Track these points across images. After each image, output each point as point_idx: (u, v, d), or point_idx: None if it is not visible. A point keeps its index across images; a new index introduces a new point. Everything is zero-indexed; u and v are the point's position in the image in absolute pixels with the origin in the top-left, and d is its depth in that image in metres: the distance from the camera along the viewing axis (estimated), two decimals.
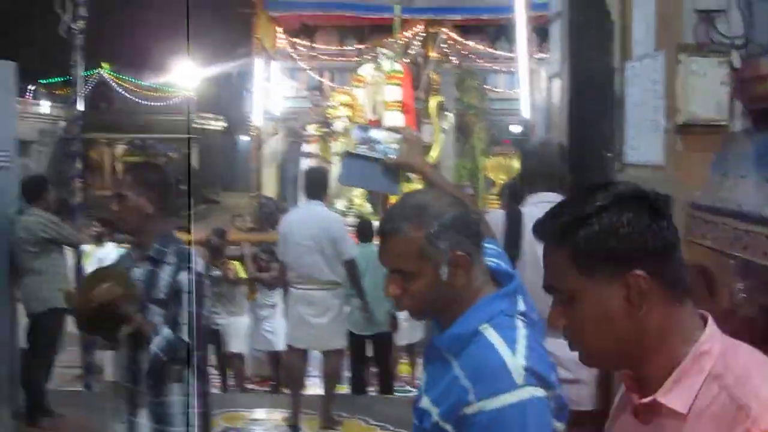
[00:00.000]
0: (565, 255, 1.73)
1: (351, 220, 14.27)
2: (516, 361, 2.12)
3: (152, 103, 43.52)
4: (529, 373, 2.10)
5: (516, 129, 23.12)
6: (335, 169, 15.07)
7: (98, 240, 11.81)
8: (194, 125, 45.05)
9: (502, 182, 15.95)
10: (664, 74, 4.12)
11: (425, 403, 2.30)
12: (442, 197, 2.38)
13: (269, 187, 23.44)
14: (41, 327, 8.17)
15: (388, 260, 2.31)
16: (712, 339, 1.69)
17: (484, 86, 22.30)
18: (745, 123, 3.90)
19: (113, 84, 41.73)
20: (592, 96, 5.09)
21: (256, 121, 22.07)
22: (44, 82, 40.39)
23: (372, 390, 9.83)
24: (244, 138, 51.35)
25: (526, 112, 11.13)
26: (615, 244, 1.68)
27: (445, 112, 16.79)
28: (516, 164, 17.70)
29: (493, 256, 2.53)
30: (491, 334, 2.19)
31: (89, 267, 10.80)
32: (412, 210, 2.29)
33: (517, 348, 2.16)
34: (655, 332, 1.69)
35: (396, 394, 9.83)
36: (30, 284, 8.03)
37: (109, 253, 10.84)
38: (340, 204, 15.18)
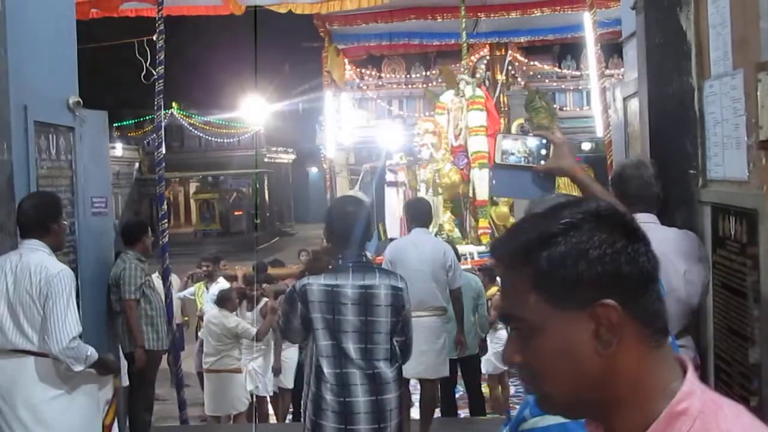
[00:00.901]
0: (526, 279, 1.49)
1: None
2: None
3: (223, 140, 44.08)
4: None
5: (586, 146, 23.18)
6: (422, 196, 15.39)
7: (209, 277, 12.18)
8: (265, 159, 45.66)
9: None
10: (744, 92, 4.25)
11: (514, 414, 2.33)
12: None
13: None
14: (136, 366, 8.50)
15: None
16: (692, 396, 1.43)
17: (553, 105, 22.42)
18: None
19: (184, 123, 42.41)
20: (672, 115, 5.21)
21: (328, 152, 22.38)
22: (117, 125, 41.29)
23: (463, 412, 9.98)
24: (314, 169, 51.95)
25: (599, 131, 11.21)
26: (584, 267, 1.44)
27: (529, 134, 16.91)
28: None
29: None
30: None
31: (206, 303, 11.15)
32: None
33: None
34: (627, 378, 1.45)
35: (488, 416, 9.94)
36: (122, 325, 8.36)
37: (223, 287, 11.19)
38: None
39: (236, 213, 47.52)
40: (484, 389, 10.79)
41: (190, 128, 42.49)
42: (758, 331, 4.23)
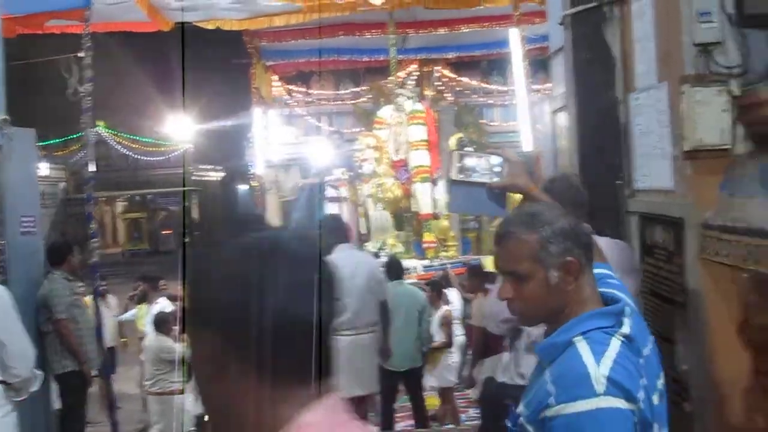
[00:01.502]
0: None
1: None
2: (599, 370, 2.20)
3: (151, 158, 43.49)
4: (612, 383, 2.18)
5: None
6: (370, 211, 15.47)
7: (143, 298, 11.98)
8: (193, 177, 45.30)
9: None
10: (668, 104, 4.38)
11: (520, 407, 2.44)
12: (555, 208, 2.56)
13: None
14: (66, 388, 8.38)
15: (504, 263, 2.48)
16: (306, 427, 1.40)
17: (481, 121, 22.61)
18: (748, 146, 4.14)
19: (111, 141, 41.75)
20: (599, 127, 5.33)
21: (258, 169, 22.30)
22: (42, 144, 40.55)
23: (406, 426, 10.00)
24: (243, 187, 51.62)
25: (527, 145, 11.35)
26: None
27: (466, 148, 16.98)
28: (517, 196, 17.86)
29: (611, 286, 2.66)
30: (582, 346, 2.29)
31: (147, 326, 10.96)
32: (527, 216, 2.47)
33: (602, 360, 2.23)
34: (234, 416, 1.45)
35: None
36: (51, 346, 8.24)
37: (165, 308, 11.01)
38: (372, 245, 15.47)
39: (165, 232, 47.04)
40: (436, 402, 10.89)
41: (118, 147, 41.87)
42: (686, 336, 4.35)
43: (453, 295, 11.51)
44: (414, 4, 15.84)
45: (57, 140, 40.53)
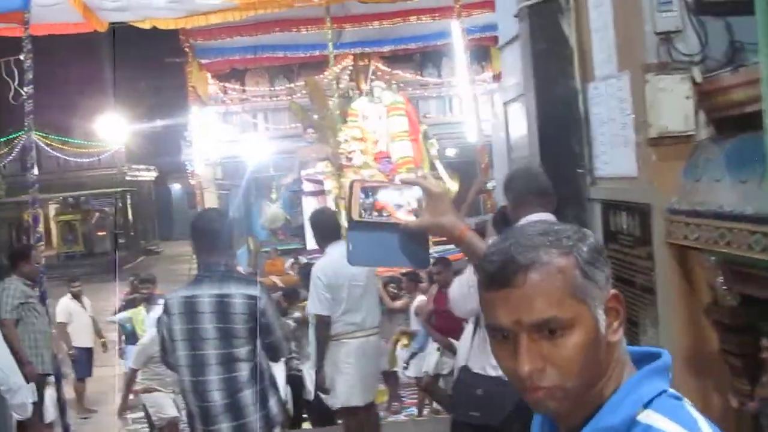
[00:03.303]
0: None
1: None
2: None
3: (82, 160, 42.88)
4: None
5: (451, 152, 23.64)
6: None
7: (147, 300, 11.86)
8: (127, 178, 44.80)
9: None
10: (630, 92, 4.47)
11: None
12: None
13: None
14: None
15: (531, 311, 1.49)
16: None
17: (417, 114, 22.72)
18: (709, 131, 4.26)
19: (41, 144, 40.99)
20: (558, 117, 5.41)
21: (196, 168, 22.15)
22: None
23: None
24: (176, 186, 51.23)
25: (473, 136, 11.43)
26: None
27: (430, 140, 16.90)
28: (454, 186, 17.92)
29: None
30: (662, 422, 1.47)
31: (148, 328, 10.80)
32: (547, 236, 1.55)
33: None
34: None
35: None
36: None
37: None
38: None
39: (100, 233, 46.41)
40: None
41: (48, 149, 41.21)
42: (653, 319, 4.45)
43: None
44: None
45: None
